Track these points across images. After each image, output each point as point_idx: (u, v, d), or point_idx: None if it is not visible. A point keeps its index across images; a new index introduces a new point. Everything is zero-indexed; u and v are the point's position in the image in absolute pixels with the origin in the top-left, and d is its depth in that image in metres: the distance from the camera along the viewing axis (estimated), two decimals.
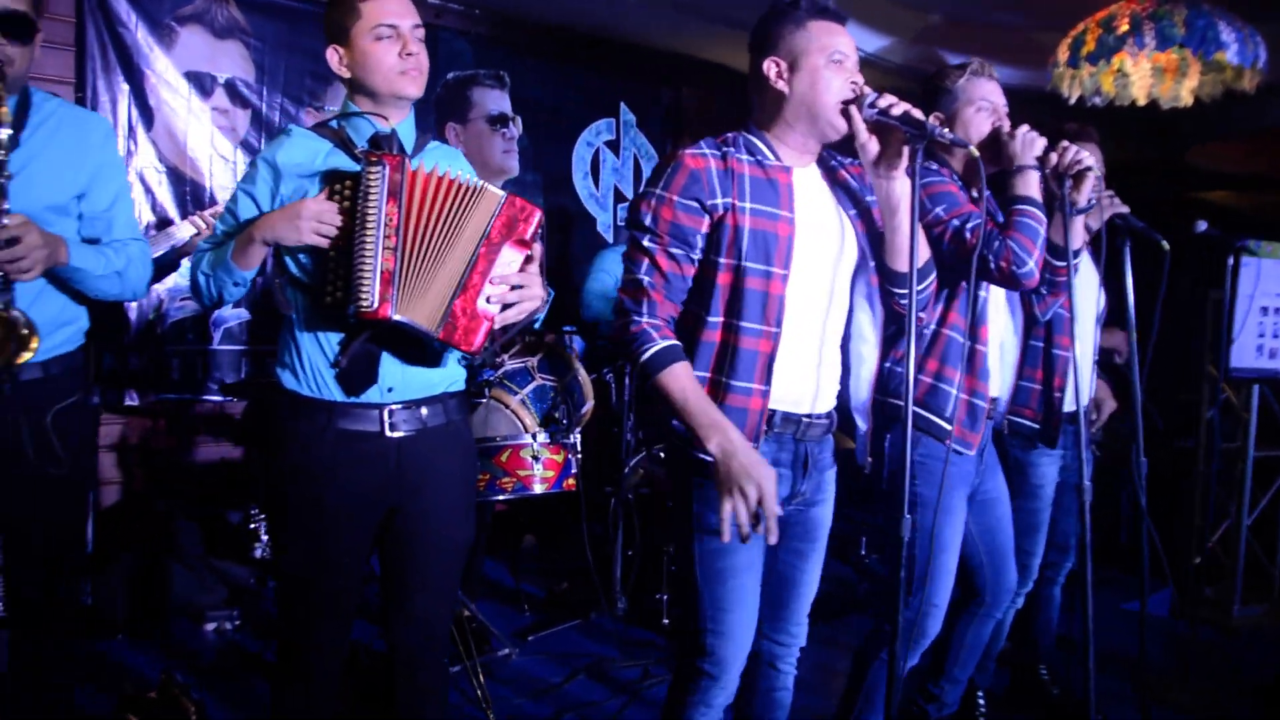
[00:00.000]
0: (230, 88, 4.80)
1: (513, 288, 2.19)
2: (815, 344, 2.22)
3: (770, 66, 2.17)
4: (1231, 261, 4.44)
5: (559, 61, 5.84)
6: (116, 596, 3.76)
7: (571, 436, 3.51)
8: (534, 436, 3.42)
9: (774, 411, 2.15)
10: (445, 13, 5.42)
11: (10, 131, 2.11)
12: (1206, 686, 3.90)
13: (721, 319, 2.11)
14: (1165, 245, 3.06)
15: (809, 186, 2.22)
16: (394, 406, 2.22)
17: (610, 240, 6.08)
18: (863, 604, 4.66)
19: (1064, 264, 2.66)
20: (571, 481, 3.46)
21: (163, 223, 4.52)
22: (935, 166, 2.68)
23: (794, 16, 2.16)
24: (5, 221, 2.09)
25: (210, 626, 3.83)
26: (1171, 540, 5.29)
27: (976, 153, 2.15)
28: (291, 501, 2.20)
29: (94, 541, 3.85)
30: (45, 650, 2.39)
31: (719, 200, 2.09)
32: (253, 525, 3.51)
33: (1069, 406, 3.23)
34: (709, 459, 2.04)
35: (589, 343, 4.79)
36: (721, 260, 2.10)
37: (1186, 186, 9.35)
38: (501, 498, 3.45)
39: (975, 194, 2.72)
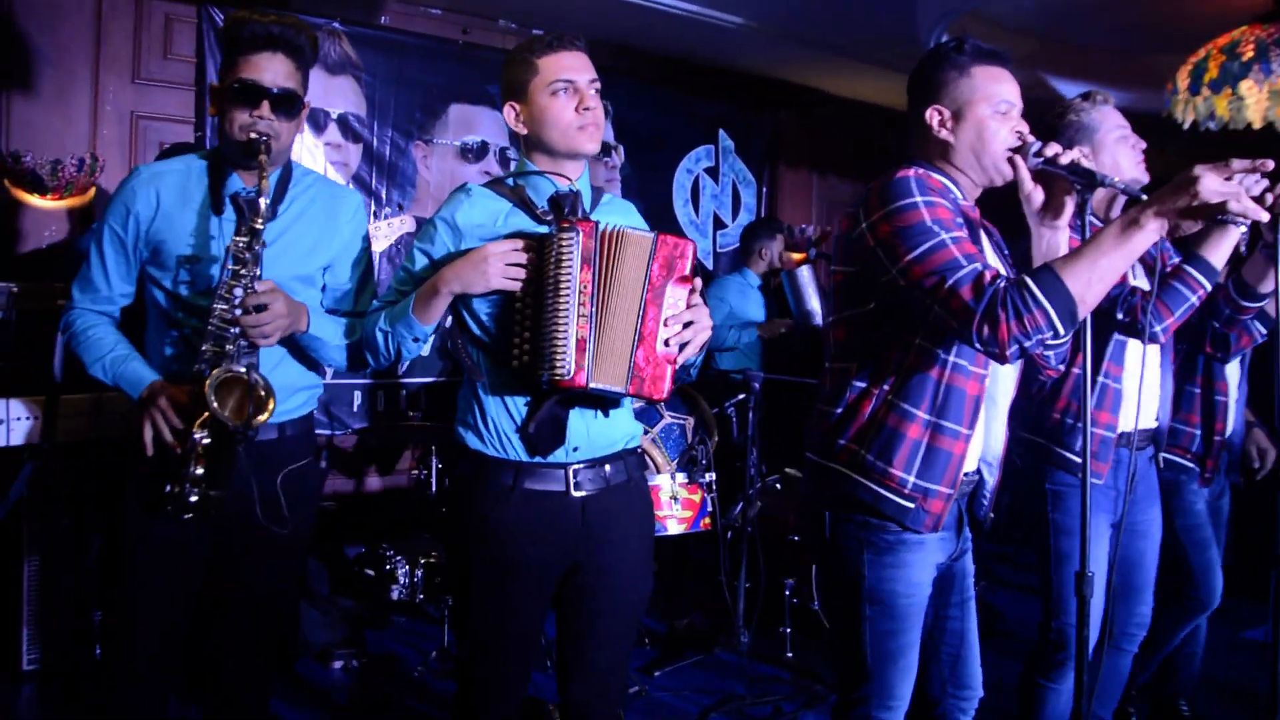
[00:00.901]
0: (343, 122, 4.84)
1: (685, 325, 2.14)
2: (1000, 385, 2.16)
3: (933, 115, 2.08)
4: None
5: (660, 88, 5.83)
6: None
7: (708, 475, 3.46)
8: (673, 476, 3.38)
9: None
10: None
11: (269, 201, 2.15)
12: None
13: (945, 355, 2.02)
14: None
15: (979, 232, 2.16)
16: (578, 466, 2.18)
17: (710, 267, 6.05)
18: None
19: (1252, 305, 2.57)
20: (708, 521, 3.41)
21: None
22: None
23: (957, 61, 2.07)
24: (256, 287, 2.13)
25: (337, 664, 3.83)
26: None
27: (1144, 197, 2.04)
28: (478, 561, 2.17)
29: None
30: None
31: (959, 217, 1.99)
32: (388, 566, 3.50)
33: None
34: (907, 503, 1.99)
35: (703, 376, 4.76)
36: None
37: None
38: None
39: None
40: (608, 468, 2.23)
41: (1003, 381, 2.20)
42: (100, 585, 3.40)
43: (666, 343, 2.11)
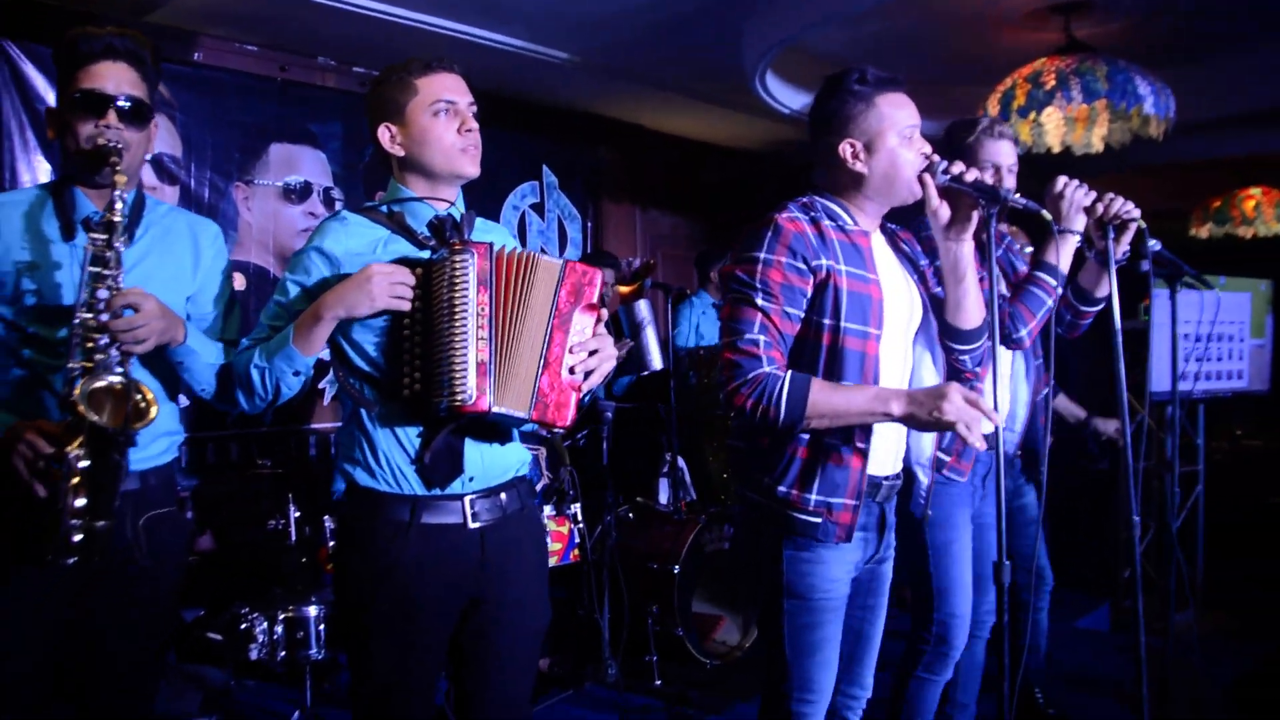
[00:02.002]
0: (157, 163, 4.59)
1: (591, 353, 2.14)
2: None
3: (846, 149, 2.19)
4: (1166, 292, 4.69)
5: (485, 126, 5.79)
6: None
7: (574, 506, 3.44)
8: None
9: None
10: (370, 81, 5.31)
11: (126, 205, 1.99)
12: (1182, 695, 4.09)
13: (822, 379, 2.12)
14: (1047, 215, 3.13)
15: (882, 250, 2.28)
16: (474, 496, 2.13)
17: None
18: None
19: (1091, 310, 2.79)
20: (577, 553, 3.39)
21: None
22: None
23: (861, 93, 2.18)
24: (122, 285, 1.97)
25: None
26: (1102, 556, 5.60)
27: (1049, 216, 2.24)
28: (376, 604, 2.07)
29: None
30: None
31: (822, 262, 2.10)
32: (244, 625, 3.29)
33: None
34: (814, 519, 2.09)
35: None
36: (825, 321, 2.11)
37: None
38: None
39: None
40: (503, 496, 2.18)
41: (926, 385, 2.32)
42: None
43: (572, 370, 2.10)
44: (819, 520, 2.12)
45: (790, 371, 2.05)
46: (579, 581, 4.23)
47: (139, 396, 1.98)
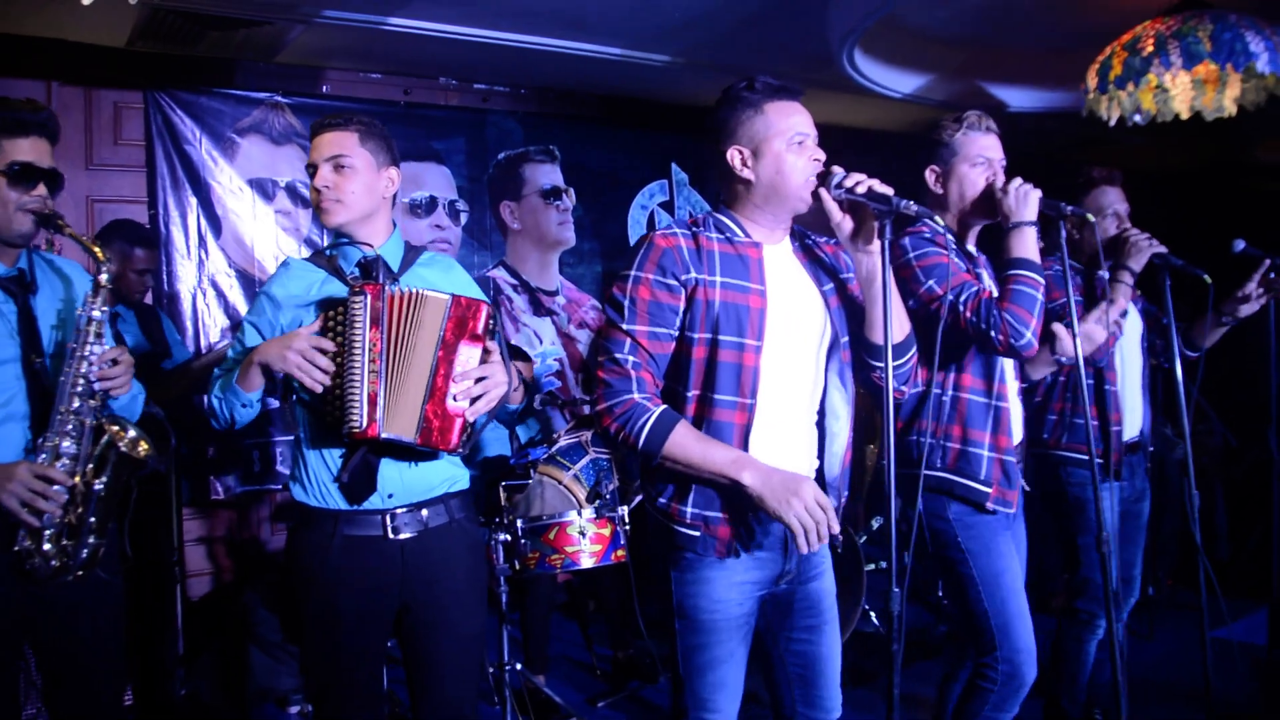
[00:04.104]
0: (291, 189, 5.06)
1: (477, 380, 2.30)
2: (796, 418, 2.22)
3: (734, 155, 2.20)
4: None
5: (608, 128, 5.98)
6: (203, 687, 3.96)
7: (619, 509, 3.57)
8: (579, 512, 3.50)
9: None
10: (492, 95, 5.62)
11: (108, 277, 2.29)
12: None
13: (697, 392, 2.14)
14: (1208, 279, 3.06)
15: (781, 262, 2.24)
16: (397, 510, 2.34)
17: None
18: (939, 647, 4.60)
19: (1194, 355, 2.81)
20: (621, 553, 3.51)
21: (236, 325, 4.78)
22: (928, 235, 2.63)
23: (750, 100, 2.19)
24: (108, 346, 2.31)
25: (294, 710, 3.99)
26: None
27: (941, 224, 2.17)
28: (308, 607, 2.34)
29: (185, 634, 4.06)
30: None
31: (692, 275, 2.12)
32: None
33: (1128, 436, 3.28)
34: (692, 532, 2.11)
35: None
36: (696, 335, 2.12)
37: (1269, 181, 9.02)
38: (558, 572, 3.56)
39: (969, 249, 2.74)
40: (425, 512, 2.39)
41: (835, 405, 2.28)
42: None
43: (455, 398, 2.26)
44: (697, 534, 2.13)
45: (663, 409, 2.08)
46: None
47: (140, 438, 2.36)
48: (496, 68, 5.31)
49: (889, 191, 2.09)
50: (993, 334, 2.46)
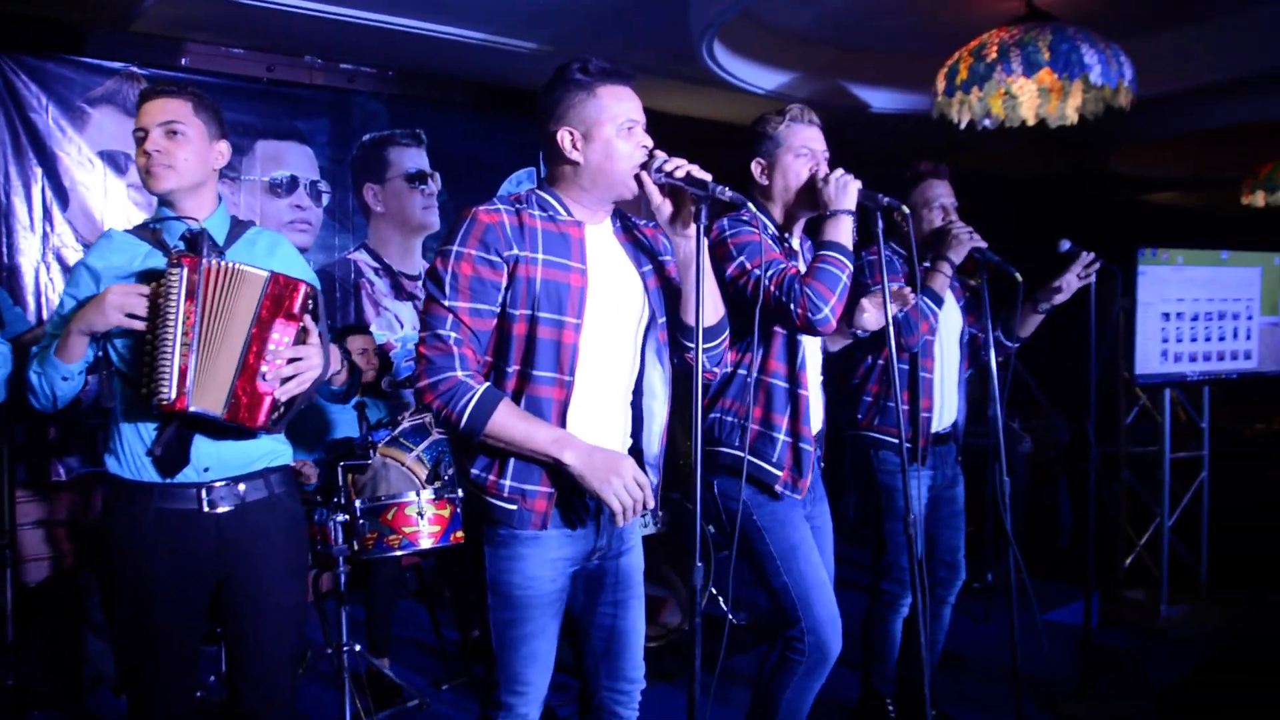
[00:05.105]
0: None
1: (290, 361, 2.30)
2: (612, 396, 2.27)
3: (564, 136, 2.21)
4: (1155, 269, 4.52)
5: (476, 113, 5.98)
6: (34, 675, 3.85)
7: (459, 490, 3.58)
8: (418, 493, 3.51)
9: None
10: (358, 76, 5.57)
11: None
12: (1109, 694, 3.95)
13: (517, 368, 2.16)
14: (1019, 277, 3.22)
15: (602, 242, 2.28)
16: (213, 484, 2.33)
17: None
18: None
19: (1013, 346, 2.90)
20: (460, 534, 3.52)
21: None
22: (747, 219, 2.71)
23: (583, 83, 2.20)
24: None
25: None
26: (1099, 546, 5.36)
27: (754, 209, 2.23)
28: (120, 580, 2.32)
29: (15, 621, 3.94)
30: None
31: (514, 252, 2.14)
32: None
33: (936, 427, 3.39)
34: (509, 505, 2.14)
35: None
36: (516, 312, 2.15)
37: (1128, 190, 9.50)
38: (396, 553, 3.55)
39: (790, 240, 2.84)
40: (242, 486, 2.39)
41: (653, 384, 2.34)
42: None
43: (265, 376, 2.26)
44: (514, 507, 2.14)
45: (485, 387, 2.10)
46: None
47: None
48: (363, 48, 5.27)
49: (707, 177, 2.15)
50: (792, 306, 2.53)
